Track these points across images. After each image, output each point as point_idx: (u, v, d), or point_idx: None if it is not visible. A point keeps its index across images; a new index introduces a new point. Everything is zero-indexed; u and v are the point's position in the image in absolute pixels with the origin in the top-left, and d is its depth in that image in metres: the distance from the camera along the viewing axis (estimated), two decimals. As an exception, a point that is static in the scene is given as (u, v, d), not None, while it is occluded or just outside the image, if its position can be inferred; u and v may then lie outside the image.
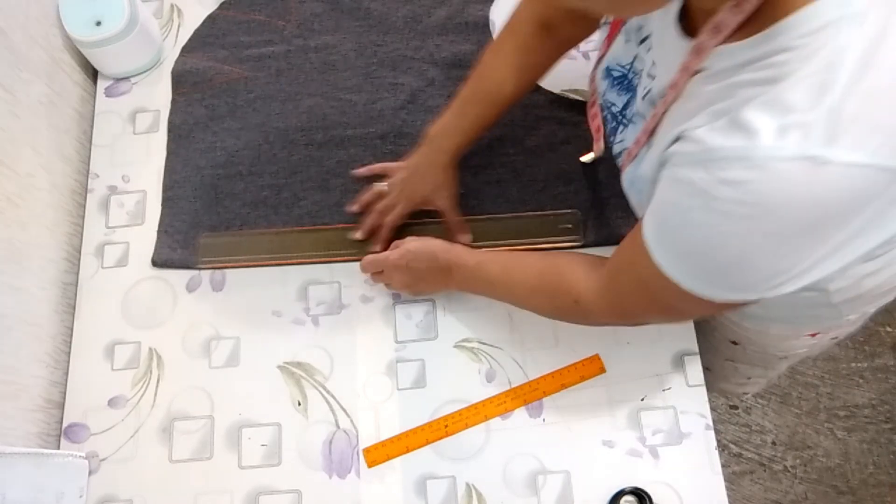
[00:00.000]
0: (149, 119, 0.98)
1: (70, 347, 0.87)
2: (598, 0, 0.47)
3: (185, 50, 1.02)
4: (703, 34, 0.49)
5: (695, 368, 0.81)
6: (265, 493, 0.79)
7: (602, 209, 0.88)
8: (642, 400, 0.80)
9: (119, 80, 1.01)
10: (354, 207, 0.90)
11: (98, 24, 0.93)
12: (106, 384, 0.85)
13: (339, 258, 0.89)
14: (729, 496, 0.76)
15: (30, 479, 0.72)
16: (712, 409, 0.81)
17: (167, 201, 0.93)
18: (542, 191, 0.90)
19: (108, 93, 1.00)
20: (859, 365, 1.58)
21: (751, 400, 1.56)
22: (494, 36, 0.99)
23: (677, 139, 0.51)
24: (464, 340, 0.84)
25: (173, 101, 0.99)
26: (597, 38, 0.76)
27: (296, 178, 0.93)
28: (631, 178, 0.63)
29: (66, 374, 0.86)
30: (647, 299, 0.60)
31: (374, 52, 1.00)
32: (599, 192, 0.89)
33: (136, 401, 0.84)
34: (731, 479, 1.50)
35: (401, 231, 0.87)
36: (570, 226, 0.87)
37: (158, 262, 0.90)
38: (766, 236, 0.45)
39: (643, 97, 0.61)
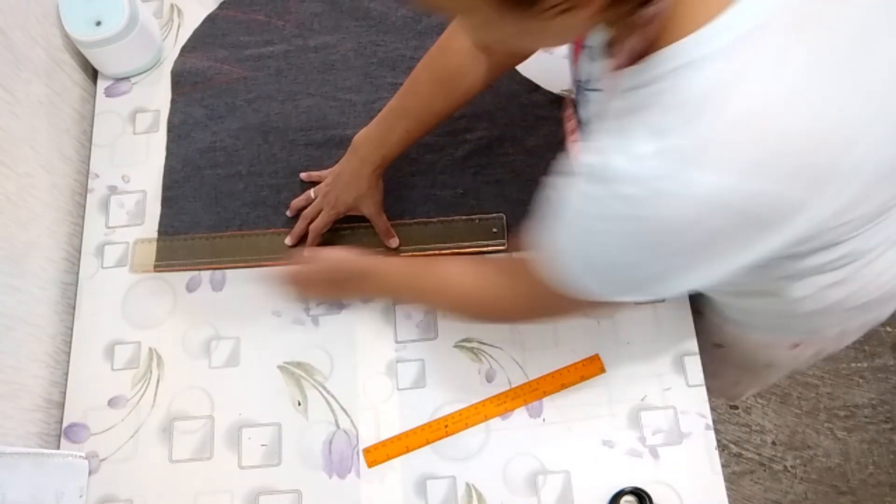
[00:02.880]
0: (149, 119, 0.98)
1: (70, 347, 0.87)
2: (524, 39, 0.50)
3: (185, 50, 1.02)
4: (611, 57, 0.52)
5: (695, 368, 0.81)
6: (265, 493, 0.79)
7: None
8: (642, 400, 0.80)
9: (119, 80, 1.01)
10: (288, 213, 0.90)
11: (98, 24, 0.93)
12: (106, 384, 0.85)
13: (269, 263, 0.88)
14: (729, 496, 0.76)
15: (30, 479, 0.72)
16: (712, 409, 0.81)
17: (167, 201, 0.93)
18: (541, 191, 0.90)
19: (108, 93, 1.00)
20: (859, 365, 1.58)
21: (751, 400, 1.56)
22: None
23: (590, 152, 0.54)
24: (464, 340, 0.84)
25: (173, 101, 0.99)
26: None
27: (296, 178, 0.93)
28: None
29: (66, 374, 0.86)
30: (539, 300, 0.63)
31: (374, 52, 1.00)
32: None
33: (136, 401, 0.84)
34: (731, 479, 1.50)
35: (331, 234, 0.88)
36: (495, 230, 0.88)
37: (160, 264, 0.90)
38: (646, 246, 0.49)
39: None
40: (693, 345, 0.82)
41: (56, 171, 0.91)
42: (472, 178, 0.91)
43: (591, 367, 0.81)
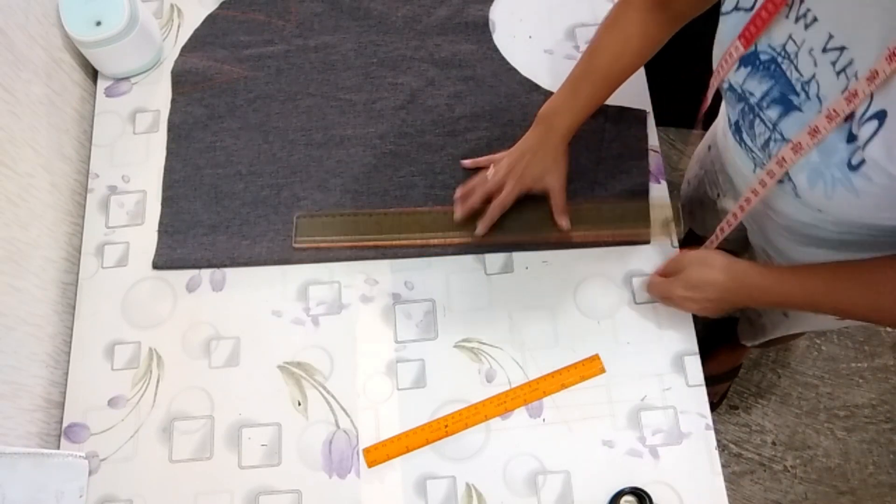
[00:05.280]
0: (149, 119, 0.98)
1: (70, 347, 0.87)
2: None
3: (185, 50, 1.02)
4: None
5: (695, 368, 0.81)
6: (265, 493, 0.79)
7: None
8: (642, 400, 0.80)
9: (119, 80, 1.01)
10: (459, 194, 0.89)
11: (98, 24, 0.93)
12: (106, 384, 0.85)
13: (438, 241, 0.88)
14: (729, 496, 0.76)
15: (30, 479, 0.72)
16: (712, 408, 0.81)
17: (167, 201, 0.93)
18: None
19: (108, 93, 1.00)
20: (859, 365, 1.58)
21: (751, 400, 1.56)
22: (493, 36, 0.99)
23: None
24: (464, 340, 0.84)
25: (173, 101, 0.99)
26: None
27: (296, 177, 0.93)
28: (815, 169, 0.59)
29: (66, 374, 0.86)
30: None
31: (374, 52, 1.00)
32: (597, 191, 0.89)
33: (136, 401, 0.84)
34: (731, 479, 1.50)
35: (501, 220, 0.87)
36: (670, 217, 0.88)
37: (160, 264, 0.90)
38: None
39: (838, 73, 0.55)
40: (693, 345, 0.82)
41: (56, 171, 0.91)
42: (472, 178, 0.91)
43: (591, 367, 0.81)
